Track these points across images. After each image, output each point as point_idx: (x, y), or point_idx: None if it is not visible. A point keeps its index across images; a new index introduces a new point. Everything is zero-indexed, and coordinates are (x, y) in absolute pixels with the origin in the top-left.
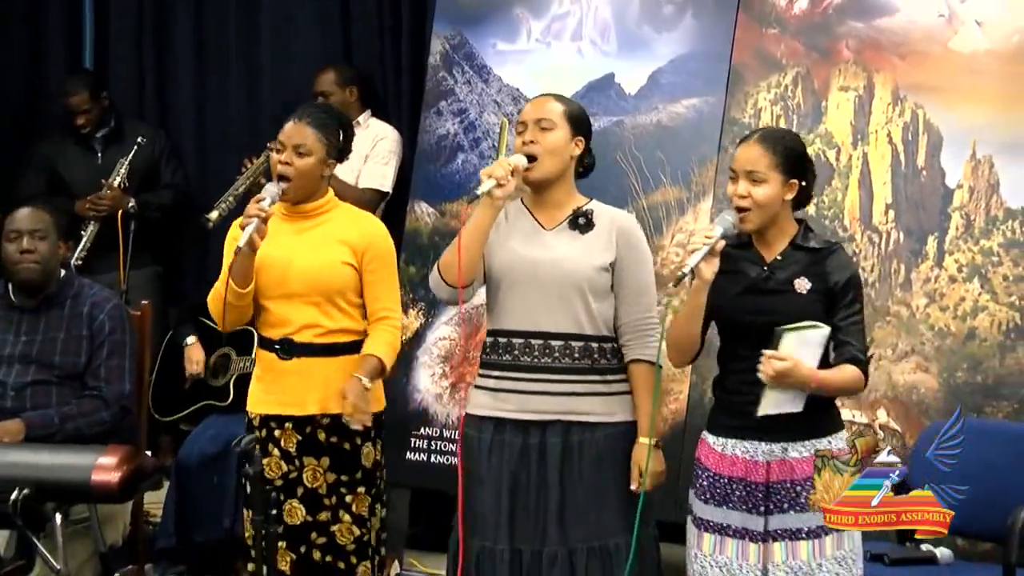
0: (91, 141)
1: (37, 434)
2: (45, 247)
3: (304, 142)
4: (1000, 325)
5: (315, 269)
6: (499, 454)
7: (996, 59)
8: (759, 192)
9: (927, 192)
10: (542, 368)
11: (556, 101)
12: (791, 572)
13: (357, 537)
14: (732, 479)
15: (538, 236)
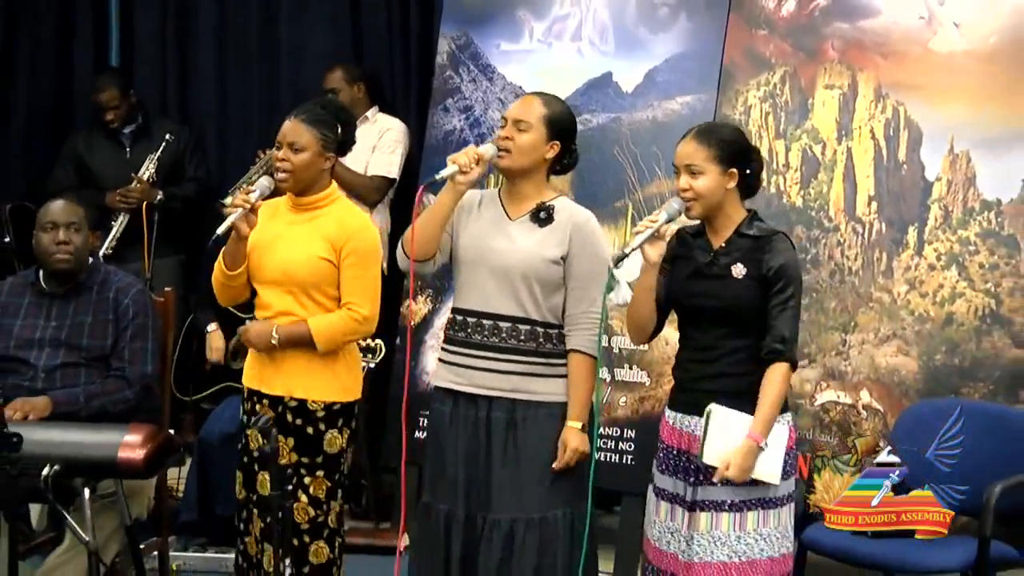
0: (120, 136)
1: (63, 411)
2: (79, 239)
3: (298, 139)
4: (976, 311)
5: (292, 261)
6: (456, 425)
7: (973, 59)
8: (698, 183)
9: (908, 185)
10: (490, 347)
11: (541, 104)
12: (712, 541)
13: (312, 518)
14: (680, 451)
15: (501, 225)
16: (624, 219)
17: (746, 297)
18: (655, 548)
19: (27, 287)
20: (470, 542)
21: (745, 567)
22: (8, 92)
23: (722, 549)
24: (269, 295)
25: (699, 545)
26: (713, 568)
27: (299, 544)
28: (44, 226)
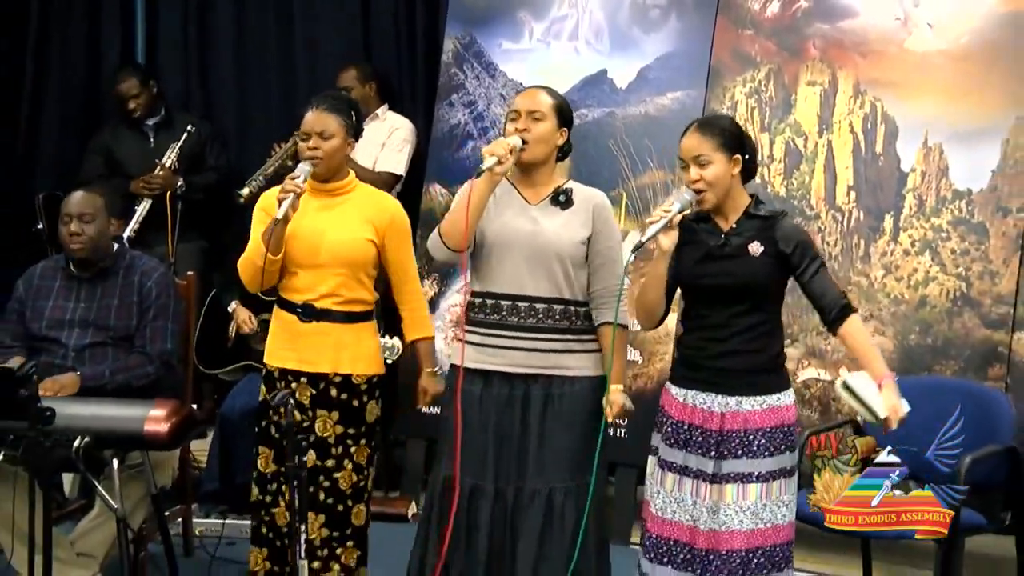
0: (143, 128)
1: (89, 386)
2: (92, 229)
3: (327, 127)
4: (948, 293)
5: (345, 244)
6: (487, 403)
7: (946, 58)
8: (708, 173)
9: (884, 175)
10: (528, 327)
11: (546, 94)
12: (740, 511)
13: (355, 483)
14: (692, 426)
15: (525, 210)
16: (619, 207)
17: (763, 273)
18: (657, 518)
19: (58, 271)
20: (498, 512)
21: (770, 532)
22: (41, 89)
23: (750, 517)
24: (313, 278)
25: (725, 515)
26: (742, 536)
27: (343, 509)
28: (62, 218)
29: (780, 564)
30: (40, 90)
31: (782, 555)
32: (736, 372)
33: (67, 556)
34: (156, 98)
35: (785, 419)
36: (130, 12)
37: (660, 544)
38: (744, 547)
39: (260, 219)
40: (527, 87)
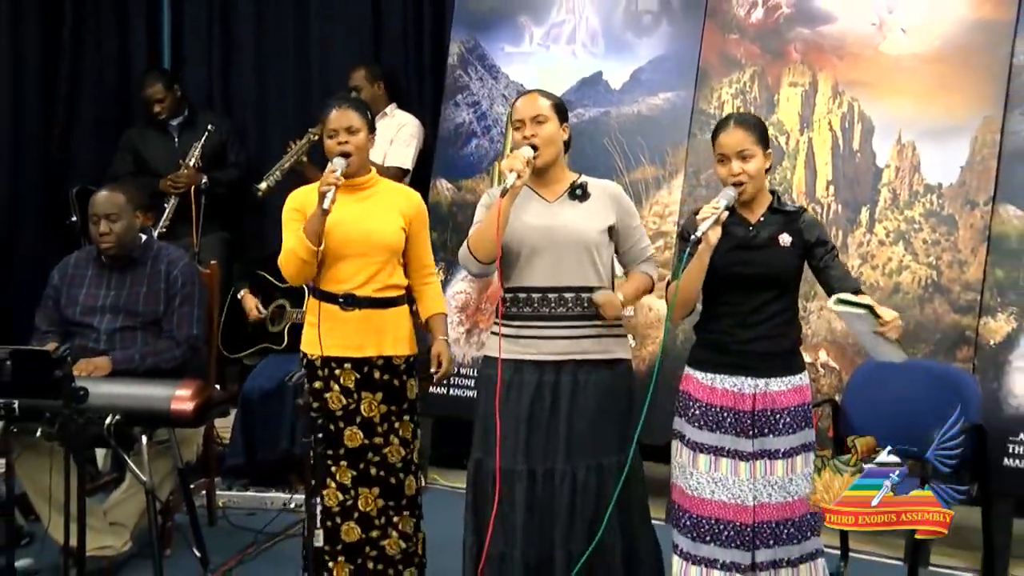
0: (168, 128)
1: (121, 368)
2: (119, 227)
3: (352, 123)
4: (920, 281)
5: (384, 233)
6: (518, 390)
7: (918, 60)
8: (750, 166)
9: (861, 171)
10: (558, 316)
11: (543, 97)
12: (769, 485)
13: (403, 456)
14: (723, 408)
15: (546, 208)
16: None
17: (791, 263)
18: (695, 499)
19: (90, 261)
20: (532, 492)
21: (797, 504)
22: (75, 91)
23: (778, 491)
24: (353, 267)
25: (759, 492)
26: (772, 508)
27: (395, 481)
28: (91, 217)
29: (807, 533)
30: (74, 92)
31: (809, 525)
32: (766, 355)
33: (100, 525)
34: (180, 100)
35: (805, 398)
36: (156, 17)
37: (701, 523)
38: (774, 519)
39: (292, 218)
40: (523, 94)
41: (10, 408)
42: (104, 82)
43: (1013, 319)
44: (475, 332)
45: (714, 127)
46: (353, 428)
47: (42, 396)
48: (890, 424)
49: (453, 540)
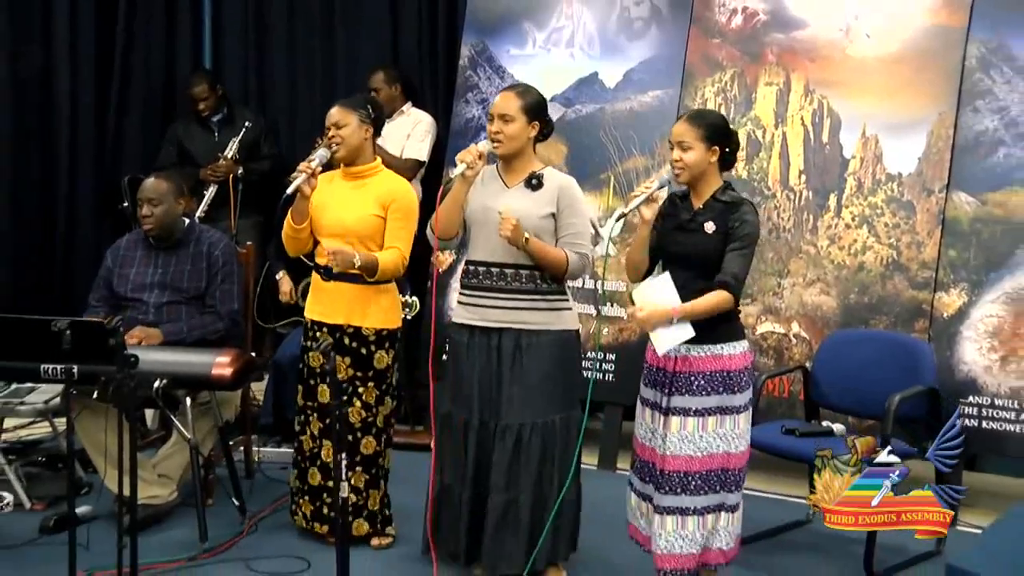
0: (209, 123)
1: (171, 339)
2: (159, 210)
3: (340, 119)
4: (882, 260)
5: (353, 219)
6: (472, 352)
7: (881, 62)
8: (687, 156)
9: (830, 161)
10: (500, 289)
11: (516, 96)
12: (680, 439)
13: (363, 419)
14: (656, 367)
15: (501, 193)
16: (607, 187)
17: (712, 248)
18: (640, 444)
19: (139, 243)
20: (483, 442)
21: (705, 459)
22: (127, 89)
23: (688, 445)
24: (329, 244)
25: (670, 442)
26: (681, 460)
27: (353, 439)
28: (138, 201)
29: (716, 487)
30: (125, 90)
31: (718, 479)
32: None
33: (149, 477)
34: (221, 99)
35: (727, 366)
36: (199, 22)
37: (639, 463)
38: (682, 470)
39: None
40: (503, 90)
41: (70, 373)
42: (152, 80)
43: (964, 294)
44: None
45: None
46: (324, 386)
47: (98, 362)
48: (854, 388)
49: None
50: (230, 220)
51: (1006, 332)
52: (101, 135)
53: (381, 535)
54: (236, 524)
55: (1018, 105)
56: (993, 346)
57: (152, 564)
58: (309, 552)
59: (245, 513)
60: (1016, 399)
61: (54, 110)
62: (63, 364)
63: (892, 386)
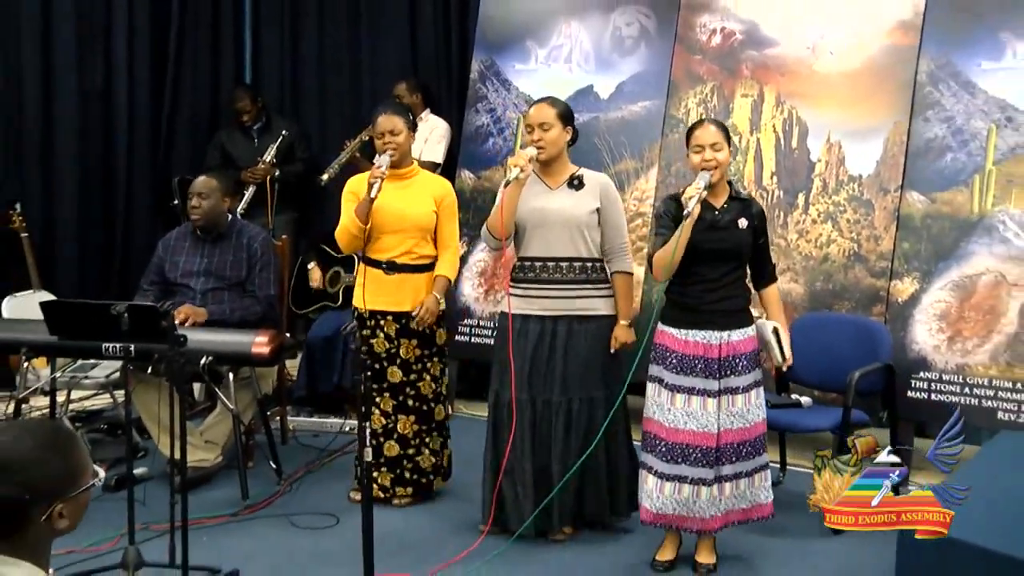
0: (250, 132)
1: (215, 319)
2: (207, 204)
3: (395, 126)
4: (844, 252)
5: (418, 215)
6: (524, 337)
7: (844, 77)
8: (721, 156)
9: (798, 164)
10: (555, 280)
11: (550, 106)
12: (732, 415)
13: (434, 389)
14: (695, 356)
15: (548, 194)
16: None
17: (748, 242)
18: (671, 428)
19: (187, 235)
20: (535, 417)
21: (752, 428)
22: (177, 100)
23: (739, 419)
24: (393, 240)
25: (724, 419)
26: (734, 432)
27: (427, 409)
28: (188, 196)
29: (759, 450)
30: (176, 101)
31: (760, 443)
32: (728, 313)
33: (197, 442)
34: (260, 110)
35: (755, 344)
36: (240, 39)
37: (675, 448)
38: (736, 440)
39: (349, 199)
40: (536, 101)
41: (127, 351)
42: (199, 93)
43: (916, 282)
44: (491, 293)
45: (690, 126)
46: (394, 367)
47: (151, 341)
48: (820, 365)
49: (474, 456)
50: (267, 216)
51: (952, 315)
52: (155, 141)
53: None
54: (273, 484)
55: (963, 115)
56: (941, 328)
57: (200, 519)
58: (338, 510)
59: (281, 475)
60: (960, 374)
61: (114, 119)
62: (122, 343)
63: (853, 363)
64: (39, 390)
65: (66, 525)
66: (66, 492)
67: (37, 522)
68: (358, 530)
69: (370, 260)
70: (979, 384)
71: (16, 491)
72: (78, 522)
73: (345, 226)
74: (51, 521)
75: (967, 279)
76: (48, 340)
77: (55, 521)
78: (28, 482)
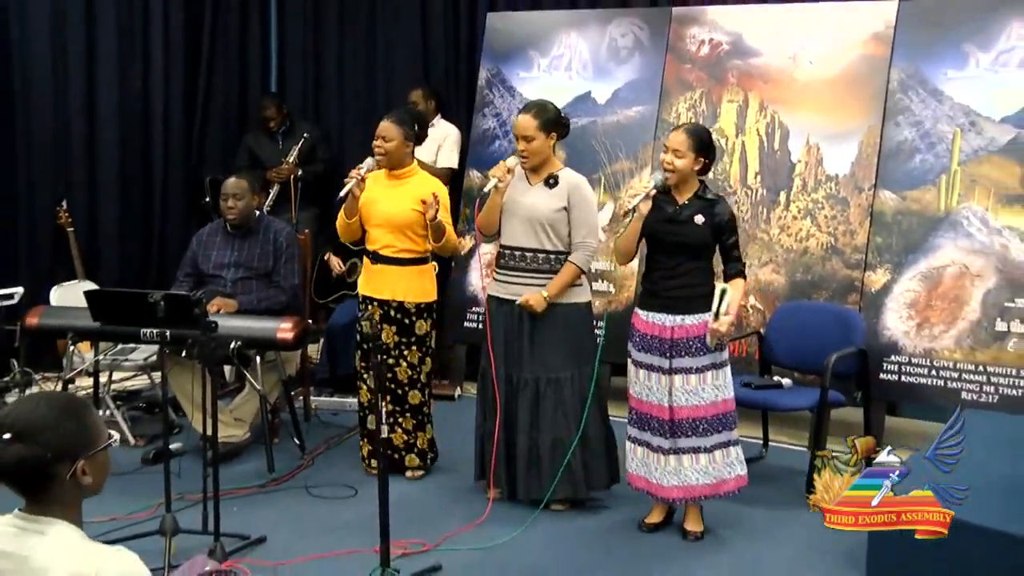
0: (275, 136)
1: (244, 307)
2: (241, 204)
3: (387, 133)
4: (822, 245)
5: (398, 212)
6: (501, 319)
7: (822, 84)
8: (679, 162)
9: (780, 164)
10: (523, 269)
11: (533, 118)
12: (685, 392)
13: (409, 376)
14: (652, 336)
15: (526, 190)
16: (599, 185)
17: (702, 236)
18: (637, 399)
19: (218, 230)
20: (508, 392)
21: (708, 406)
22: (208, 106)
23: (692, 396)
24: (377, 234)
25: (675, 396)
26: (688, 409)
27: (402, 392)
28: (222, 196)
29: (719, 427)
30: (208, 107)
31: (720, 421)
32: (681, 299)
33: (227, 420)
34: (285, 116)
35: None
36: (266, 48)
37: (642, 417)
38: (691, 416)
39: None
40: (522, 110)
41: (163, 336)
42: (228, 97)
43: (888, 273)
44: None
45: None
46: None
47: (186, 327)
48: (799, 349)
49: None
50: (292, 212)
51: (921, 304)
52: (188, 144)
53: (416, 468)
54: (297, 458)
55: (930, 120)
56: (911, 315)
57: (230, 490)
58: (356, 482)
59: (304, 450)
60: (928, 357)
61: (151, 125)
62: (158, 329)
63: (830, 347)
64: (84, 371)
65: (90, 482)
66: (85, 451)
67: (63, 480)
68: (374, 500)
69: (365, 250)
70: (945, 367)
71: (39, 451)
72: (102, 482)
73: (339, 219)
74: (76, 478)
75: (934, 270)
76: (92, 326)
77: (80, 478)
78: (49, 442)
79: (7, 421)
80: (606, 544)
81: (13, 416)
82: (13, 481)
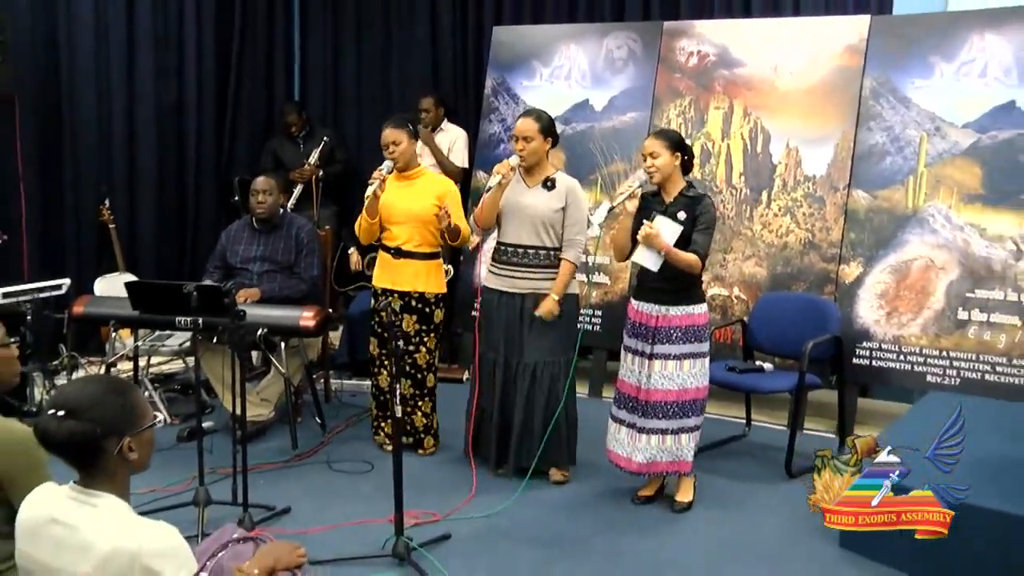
0: (297, 140)
1: (267, 297)
2: (269, 200)
3: (397, 138)
4: (800, 240)
5: (420, 209)
6: (500, 309)
7: (801, 93)
8: (657, 161)
9: (762, 166)
10: (522, 264)
11: (534, 121)
12: (663, 377)
13: (427, 360)
14: (639, 323)
15: (525, 192)
16: (596, 185)
17: (685, 232)
18: (623, 381)
19: (246, 227)
20: (507, 375)
21: (680, 392)
22: (237, 110)
23: (668, 382)
24: (398, 231)
25: (653, 380)
26: (662, 392)
27: (421, 377)
28: (252, 192)
29: (688, 413)
30: (236, 113)
31: (691, 407)
32: (665, 290)
33: (254, 400)
34: (306, 121)
35: (695, 321)
36: (290, 58)
37: (623, 397)
38: (663, 400)
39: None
40: (522, 114)
41: (196, 323)
42: (255, 103)
43: (860, 266)
44: None
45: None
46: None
47: (217, 315)
48: (779, 336)
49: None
50: (313, 210)
51: (890, 294)
52: (218, 147)
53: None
54: (318, 436)
55: (899, 125)
56: (881, 304)
57: (258, 465)
58: (373, 458)
59: (325, 428)
60: (897, 344)
61: (185, 129)
62: (192, 317)
63: (807, 334)
64: (125, 356)
65: (136, 458)
66: (131, 428)
67: (112, 455)
68: (390, 474)
69: (384, 247)
70: (912, 352)
71: (89, 426)
72: (148, 459)
73: (360, 219)
74: (123, 454)
75: (903, 264)
76: (132, 314)
77: (126, 454)
78: (97, 418)
79: (59, 400)
80: (594, 513)
81: (64, 395)
82: (67, 455)
